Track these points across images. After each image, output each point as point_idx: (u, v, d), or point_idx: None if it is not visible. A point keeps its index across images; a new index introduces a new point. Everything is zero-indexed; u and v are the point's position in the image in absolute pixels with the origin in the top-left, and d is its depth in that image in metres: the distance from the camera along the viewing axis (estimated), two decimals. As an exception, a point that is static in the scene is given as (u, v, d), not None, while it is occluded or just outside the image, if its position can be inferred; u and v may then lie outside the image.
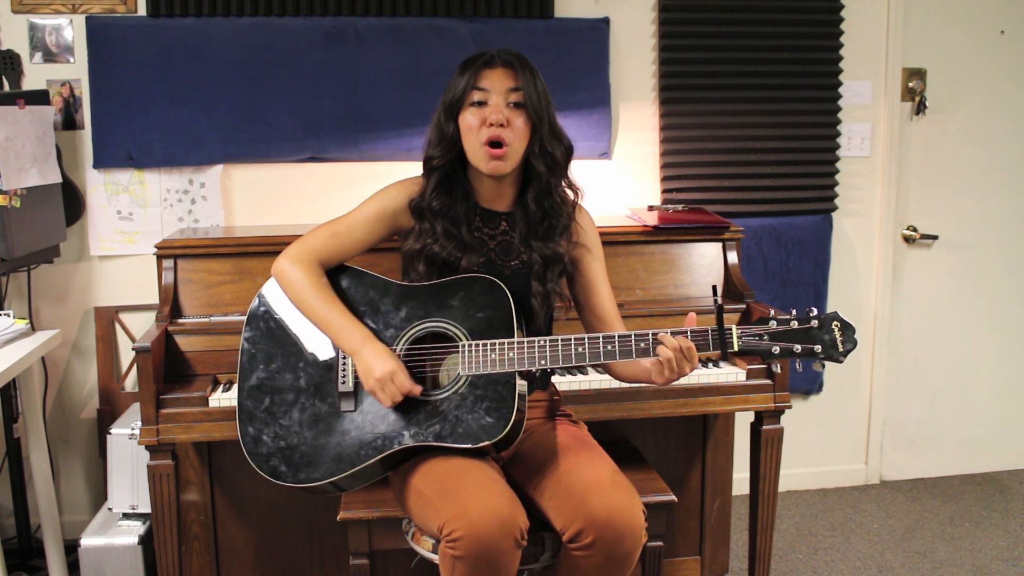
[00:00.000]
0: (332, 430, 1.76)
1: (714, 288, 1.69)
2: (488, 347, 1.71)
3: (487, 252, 1.85)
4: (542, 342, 1.69)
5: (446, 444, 1.69)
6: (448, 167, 1.83)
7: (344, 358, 1.79)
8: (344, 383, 1.77)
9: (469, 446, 1.67)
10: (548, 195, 1.83)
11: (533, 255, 1.83)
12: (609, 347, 1.68)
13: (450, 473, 1.67)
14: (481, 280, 1.76)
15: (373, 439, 1.73)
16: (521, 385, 1.71)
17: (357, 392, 1.77)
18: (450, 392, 1.72)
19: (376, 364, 1.71)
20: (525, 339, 1.70)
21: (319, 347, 1.81)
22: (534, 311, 1.82)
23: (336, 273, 1.86)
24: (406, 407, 1.73)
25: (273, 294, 1.86)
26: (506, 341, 1.70)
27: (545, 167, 1.80)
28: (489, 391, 1.70)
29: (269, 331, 1.84)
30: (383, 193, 1.89)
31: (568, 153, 1.85)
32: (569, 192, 1.89)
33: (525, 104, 1.76)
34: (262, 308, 1.86)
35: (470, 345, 1.72)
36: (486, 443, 1.67)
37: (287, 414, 1.78)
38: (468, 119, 1.76)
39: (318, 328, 1.81)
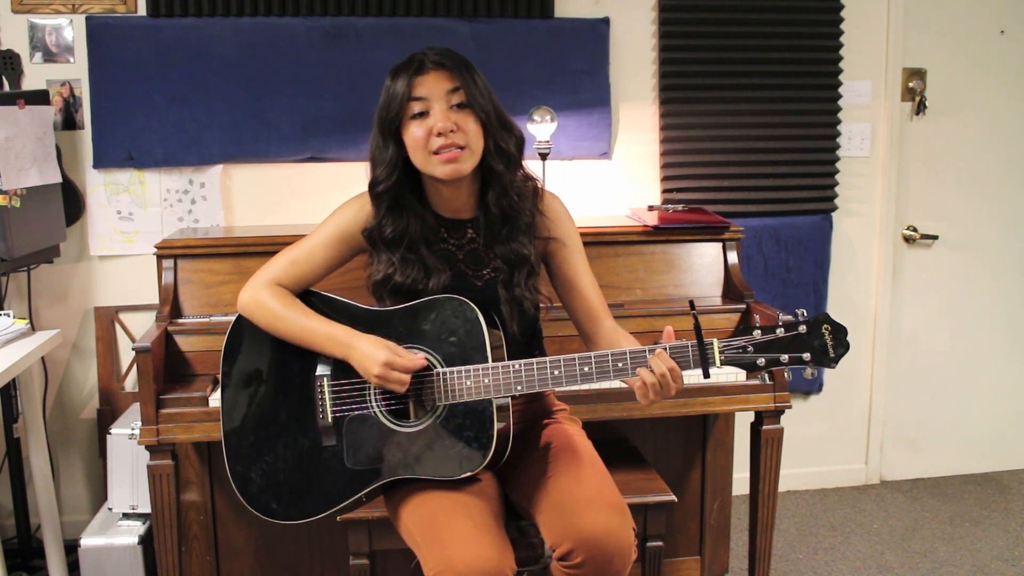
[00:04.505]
0: (316, 466, 1.72)
1: (691, 303, 1.59)
2: (463, 375, 1.65)
3: (455, 265, 1.76)
4: (517, 366, 1.63)
5: (429, 477, 1.66)
6: (395, 190, 1.72)
7: (321, 391, 1.73)
8: (323, 418, 1.72)
9: (451, 478, 1.65)
10: (505, 194, 1.73)
11: (498, 261, 1.75)
12: (586, 368, 1.60)
13: (437, 515, 1.63)
14: (451, 302, 1.68)
15: (357, 474, 1.70)
16: (501, 403, 1.66)
17: (337, 426, 1.72)
18: (429, 422, 1.68)
19: (371, 358, 1.63)
20: (500, 364, 1.64)
21: (296, 381, 1.75)
22: (505, 321, 1.74)
23: (303, 300, 1.77)
24: (387, 439, 1.69)
25: (244, 328, 1.78)
26: (480, 368, 1.64)
27: (503, 165, 1.72)
28: (468, 419, 1.65)
29: (245, 367, 1.78)
30: (339, 213, 1.80)
31: (520, 143, 1.75)
32: (527, 184, 1.78)
33: (469, 104, 1.66)
34: (235, 342, 1.79)
35: (445, 373, 1.66)
36: (468, 474, 1.64)
37: (272, 450, 1.74)
38: (413, 132, 1.66)
39: (301, 345, 1.72)
